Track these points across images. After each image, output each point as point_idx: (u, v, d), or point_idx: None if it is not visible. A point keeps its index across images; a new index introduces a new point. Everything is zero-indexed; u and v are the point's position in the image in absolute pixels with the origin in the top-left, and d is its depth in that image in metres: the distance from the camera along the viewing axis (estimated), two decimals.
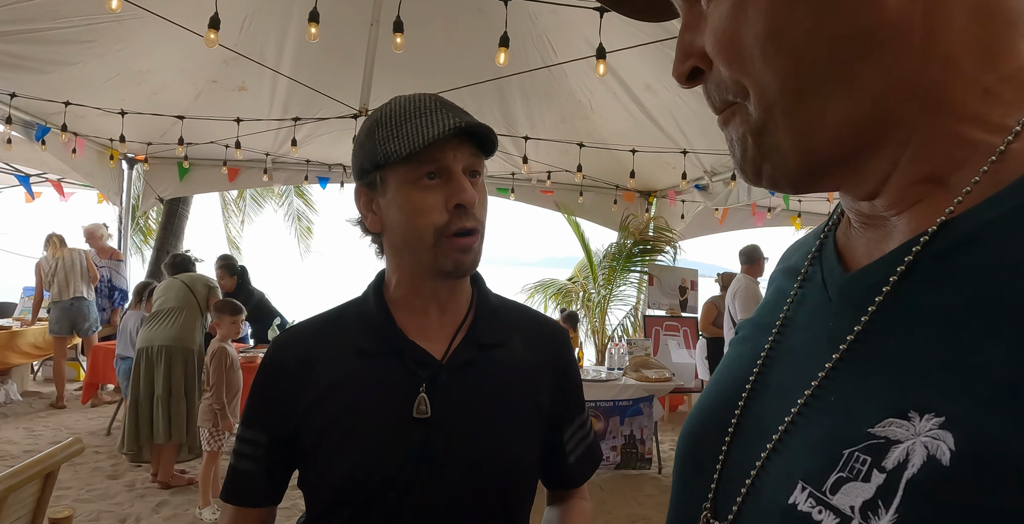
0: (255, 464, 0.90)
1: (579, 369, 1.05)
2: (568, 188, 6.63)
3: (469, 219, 0.84)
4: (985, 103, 0.36)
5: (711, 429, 0.46)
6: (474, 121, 0.84)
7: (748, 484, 0.40)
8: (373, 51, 4.23)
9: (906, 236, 0.38)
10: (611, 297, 6.76)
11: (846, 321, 0.39)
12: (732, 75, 0.39)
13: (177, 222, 7.35)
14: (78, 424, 5.25)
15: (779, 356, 0.45)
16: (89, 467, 4.17)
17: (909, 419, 0.31)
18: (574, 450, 0.99)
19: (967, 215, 0.35)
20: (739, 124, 0.40)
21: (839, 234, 0.47)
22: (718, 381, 0.51)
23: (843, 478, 0.33)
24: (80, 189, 7.75)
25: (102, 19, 3.90)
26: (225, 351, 3.46)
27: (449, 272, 0.87)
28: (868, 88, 0.36)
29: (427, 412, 0.85)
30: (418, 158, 0.82)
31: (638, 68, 4.44)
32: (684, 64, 0.42)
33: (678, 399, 6.73)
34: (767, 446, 0.40)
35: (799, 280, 0.48)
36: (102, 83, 4.70)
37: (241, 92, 5.12)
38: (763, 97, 0.38)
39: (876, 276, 0.38)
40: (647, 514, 3.91)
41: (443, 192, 0.83)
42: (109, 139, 5.61)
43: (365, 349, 0.89)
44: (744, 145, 0.40)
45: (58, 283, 5.77)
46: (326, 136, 5.71)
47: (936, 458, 0.29)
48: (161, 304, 4.05)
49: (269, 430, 0.90)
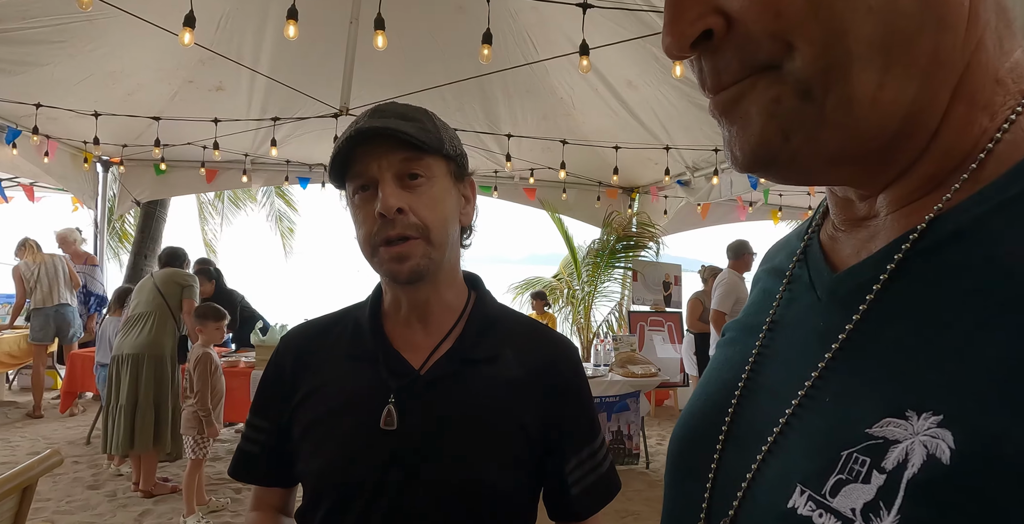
0: (257, 446, 0.95)
1: (590, 393, 0.95)
2: (551, 185, 6.63)
3: (394, 227, 0.82)
4: (995, 92, 0.35)
5: (703, 433, 0.45)
6: (378, 123, 0.81)
7: (744, 488, 0.39)
8: (353, 49, 4.18)
9: (895, 233, 0.38)
10: (595, 293, 6.77)
11: (837, 320, 0.38)
12: (779, 29, 0.33)
13: (155, 225, 7.22)
14: (56, 433, 5.14)
15: (769, 357, 0.45)
16: (69, 477, 4.09)
17: (907, 418, 0.31)
18: (579, 481, 0.90)
19: (955, 211, 0.34)
20: (765, 90, 0.35)
21: (823, 235, 0.46)
22: (707, 384, 0.50)
23: (843, 480, 0.32)
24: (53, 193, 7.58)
25: (73, 19, 3.82)
26: (209, 357, 3.41)
27: (392, 280, 0.86)
28: (919, 67, 0.33)
29: (393, 424, 0.83)
30: (348, 175, 0.83)
31: (620, 64, 4.44)
32: (697, 23, 0.34)
33: (664, 394, 6.77)
34: (762, 449, 0.39)
35: (785, 281, 0.47)
36: (74, 84, 4.60)
37: (218, 92, 5.04)
38: (823, 55, 0.33)
39: (866, 274, 0.38)
40: (636, 509, 3.93)
41: (374, 202, 0.82)
42: (83, 141, 5.50)
43: (352, 353, 0.91)
44: (771, 112, 0.35)
45: (41, 290, 5.67)
46: (306, 136, 5.64)
47: (936, 457, 0.28)
48: (133, 309, 3.99)
49: (270, 419, 0.94)
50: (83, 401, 5.91)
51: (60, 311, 5.73)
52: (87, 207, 6.57)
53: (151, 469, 3.83)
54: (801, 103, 0.34)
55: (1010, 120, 0.35)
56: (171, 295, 3.99)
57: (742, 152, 0.37)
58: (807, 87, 0.33)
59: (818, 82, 0.33)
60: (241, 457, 0.97)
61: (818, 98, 0.33)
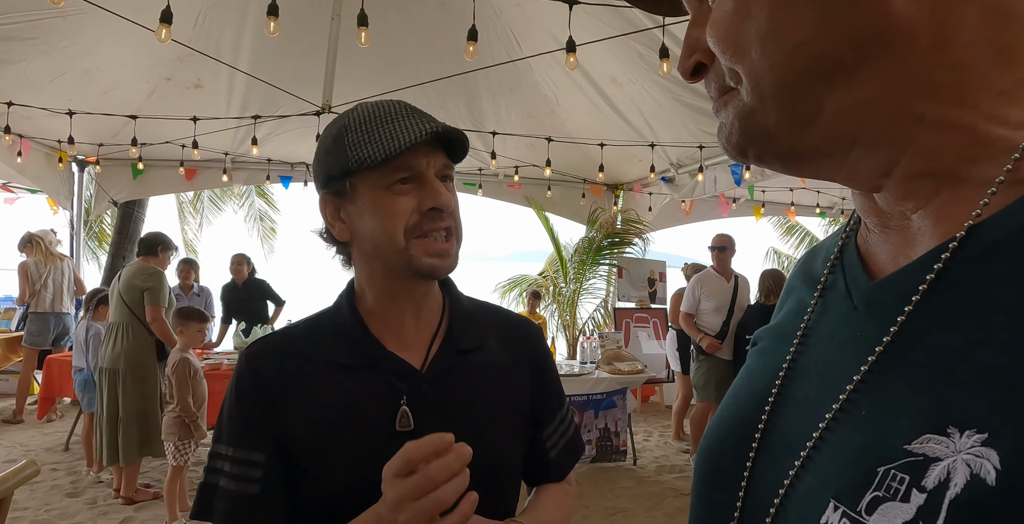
0: (256, 485, 0.82)
1: (555, 363, 1.06)
2: (536, 182, 6.61)
3: (443, 220, 0.85)
4: (1000, 104, 0.35)
5: (733, 445, 0.44)
6: (450, 127, 0.85)
7: (777, 503, 0.38)
8: (335, 46, 4.13)
9: (934, 241, 0.37)
10: (581, 290, 6.78)
11: (874, 331, 0.37)
12: (728, 63, 0.39)
13: (132, 226, 7.08)
14: (33, 440, 5.02)
15: (802, 368, 0.43)
16: (47, 485, 4.00)
17: (948, 435, 0.29)
18: (555, 446, 1.00)
19: (996, 219, 0.34)
20: (731, 109, 0.41)
21: (859, 240, 0.45)
22: (737, 394, 0.49)
23: (879, 497, 0.31)
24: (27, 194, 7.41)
25: (46, 15, 3.73)
26: (187, 362, 3.34)
27: (425, 273, 0.86)
28: (869, 88, 0.35)
29: (410, 425, 0.84)
30: (392, 163, 0.82)
31: (604, 61, 4.44)
32: (689, 59, 0.43)
33: (650, 390, 6.81)
34: (795, 462, 0.38)
35: (819, 288, 0.46)
36: (48, 82, 4.49)
37: (197, 90, 4.95)
38: (756, 87, 0.38)
39: (905, 284, 0.37)
40: (624, 507, 3.93)
41: (416, 196, 0.84)
42: (57, 141, 5.38)
43: (342, 363, 0.87)
44: (731, 129, 0.41)
45: (47, 295, 5.59)
46: (288, 134, 5.57)
47: (980, 477, 0.27)
48: (110, 316, 3.89)
49: (263, 448, 0.84)
50: (61, 407, 5.78)
51: (62, 319, 5.70)
52: (63, 208, 6.42)
53: (133, 476, 3.76)
54: (751, 121, 0.40)
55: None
56: (135, 302, 3.78)
57: (728, 145, 0.43)
58: (752, 108, 0.39)
59: (759, 106, 0.39)
60: (236, 502, 0.82)
61: (760, 119, 0.39)
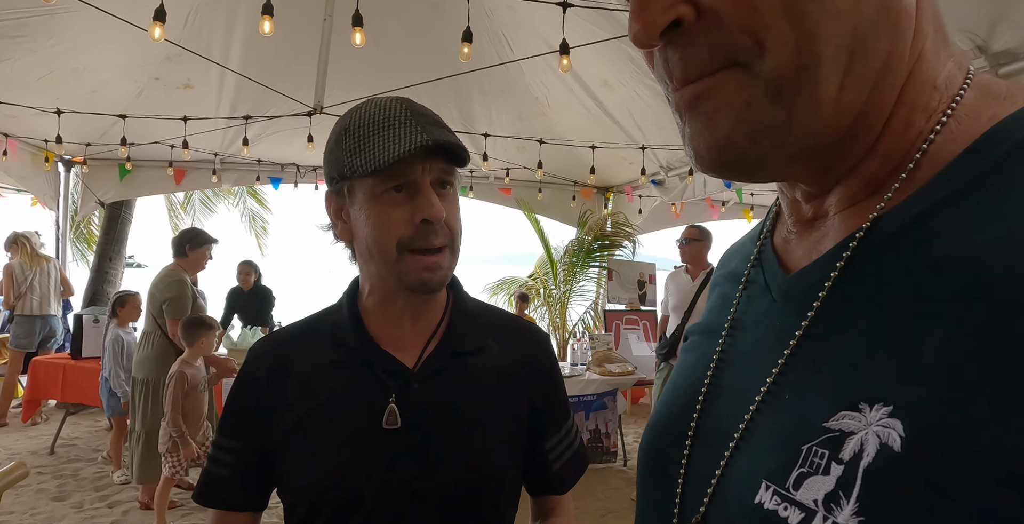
0: (226, 469, 0.90)
1: (562, 376, 1.04)
2: (526, 185, 6.62)
3: (437, 236, 0.83)
4: (931, 97, 0.37)
5: (671, 436, 0.47)
6: (443, 137, 0.82)
7: (713, 487, 0.40)
8: (327, 46, 4.11)
9: (843, 233, 0.39)
10: (571, 293, 6.79)
11: (792, 321, 0.40)
12: (752, 24, 0.33)
13: (120, 227, 7.00)
14: (18, 444, 4.95)
15: (730, 359, 0.46)
16: (32, 489, 3.94)
17: (860, 410, 0.32)
18: (560, 457, 0.99)
19: (895, 210, 0.36)
20: (737, 91, 0.35)
21: (776, 239, 0.48)
22: (674, 388, 0.51)
23: (804, 473, 0.33)
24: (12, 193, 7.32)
25: (33, 13, 3.69)
26: (184, 376, 3.28)
27: (415, 289, 0.85)
28: (874, 70, 0.35)
29: (397, 423, 0.84)
30: (384, 173, 0.80)
31: (595, 64, 4.45)
32: (668, 11, 0.34)
33: (640, 391, 6.82)
34: (728, 447, 0.40)
35: (742, 284, 0.49)
36: (34, 81, 4.44)
37: (187, 89, 4.91)
38: (795, 56, 0.33)
39: (816, 275, 0.39)
40: (614, 507, 3.94)
41: (410, 206, 0.82)
42: (44, 140, 5.31)
43: (337, 359, 0.88)
44: (740, 116, 0.35)
45: (33, 297, 5.50)
46: (278, 135, 5.53)
47: (888, 445, 0.30)
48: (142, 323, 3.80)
49: (242, 437, 0.90)
50: (46, 410, 5.70)
51: (48, 322, 5.61)
52: (48, 208, 6.34)
53: (152, 486, 3.60)
54: (771, 106, 0.35)
55: (941, 122, 0.36)
56: (157, 313, 3.64)
57: (708, 152, 0.37)
58: (778, 88, 0.34)
59: (789, 83, 0.34)
60: (207, 480, 0.92)
61: (787, 99, 0.34)
